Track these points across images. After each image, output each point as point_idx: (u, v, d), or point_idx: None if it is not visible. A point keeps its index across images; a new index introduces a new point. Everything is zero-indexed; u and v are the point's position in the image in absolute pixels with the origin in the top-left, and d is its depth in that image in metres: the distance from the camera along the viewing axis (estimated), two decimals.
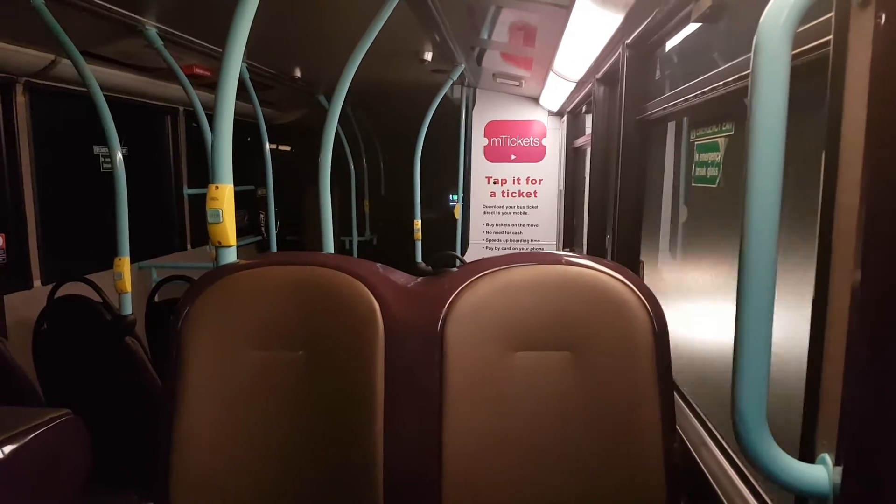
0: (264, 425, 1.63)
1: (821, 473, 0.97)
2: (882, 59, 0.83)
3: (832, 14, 1.01)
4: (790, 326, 1.24)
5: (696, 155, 2.32)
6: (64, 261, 4.93)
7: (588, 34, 3.32)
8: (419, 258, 6.17)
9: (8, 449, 1.66)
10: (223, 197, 2.01)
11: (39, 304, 3.90)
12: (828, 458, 0.97)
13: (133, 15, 3.62)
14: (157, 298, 4.63)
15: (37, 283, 4.60)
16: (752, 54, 0.97)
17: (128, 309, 3.56)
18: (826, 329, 1.00)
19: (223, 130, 2.02)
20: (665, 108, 2.49)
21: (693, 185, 2.40)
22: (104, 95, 3.51)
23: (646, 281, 2.59)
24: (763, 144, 0.96)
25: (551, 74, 4.93)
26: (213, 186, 2.02)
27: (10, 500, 1.62)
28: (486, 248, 7.20)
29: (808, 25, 1.25)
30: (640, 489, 1.52)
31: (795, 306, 1.23)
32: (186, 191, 6.62)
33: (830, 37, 1.01)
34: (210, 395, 1.63)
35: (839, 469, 0.92)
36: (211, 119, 2.07)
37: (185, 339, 1.65)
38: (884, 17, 0.82)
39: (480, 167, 7.11)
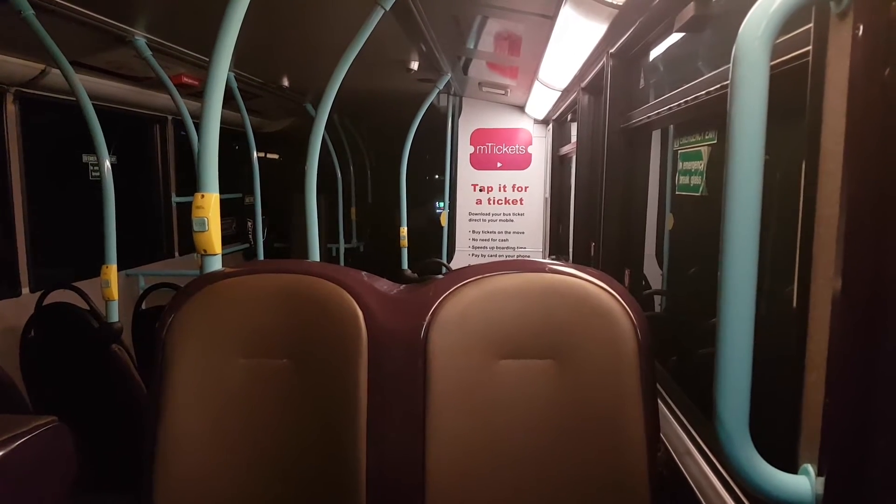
0: (248, 433, 1.62)
1: (803, 484, 0.97)
2: (861, 68, 0.84)
3: (811, 25, 1.03)
4: None
5: (680, 163, 2.34)
6: (52, 268, 4.92)
7: (573, 43, 3.34)
8: (405, 265, 6.16)
9: None
10: (209, 205, 2.01)
11: (27, 311, 3.88)
12: (810, 468, 0.97)
13: (122, 25, 3.61)
14: (144, 306, 4.62)
15: (25, 290, 4.58)
16: (731, 64, 0.98)
17: (114, 316, 3.55)
18: (808, 339, 1.00)
19: (209, 139, 2.02)
20: (649, 117, 2.51)
21: (677, 193, 2.42)
22: (93, 105, 3.50)
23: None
24: (742, 153, 0.97)
25: (537, 83, 4.96)
26: (198, 195, 2.01)
27: None
28: (473, 255, 7.21)
29: (788, 36, 1.27)
30: (624, 498, 1.52)
31: None
32: (175, 199, 6.60)
33: (810, 47, 1.02)
34: (195, 402, 1.63)
35: (821, 479, 0.93)
36: (199, 128, 2.07)
37: (170, 346, 1.65)
38: (862, 27, 0.83)
39: (466, 175, 7.12)
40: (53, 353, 3.73)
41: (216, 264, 2.03)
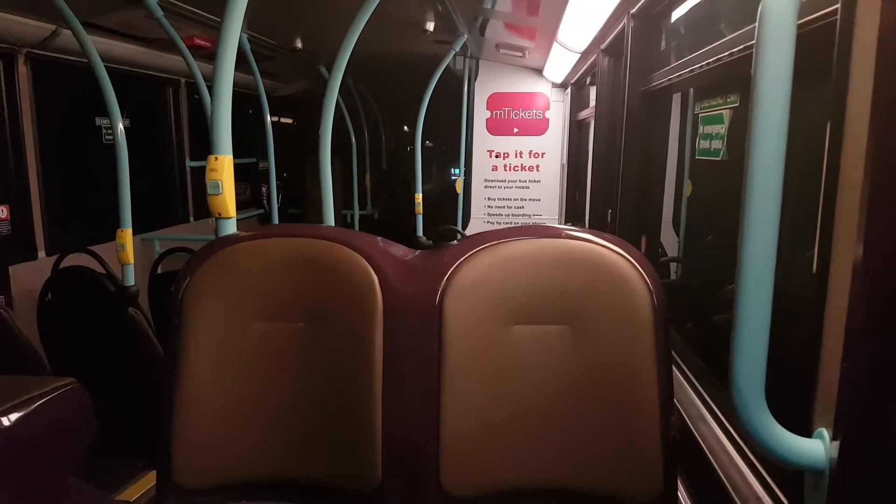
0: (264, 395, 1.64)
1: (817, 447, 0.97)
2: (890, 29, 0.81)
3: None
4: None
5: (701, 127, 2.30)
6: (68, 232, 4.96)
7: (593, 3, 3.27)
8: (420, 232, 6.15)
9: (13, 417, 1.67)
10: (223, 168, 2.01)
11: (44, 274, 3.94)
12: (825, 432, 0.97)
13: None
14: (159, 270, 4.66)
15: (41, 253, 4.63)
16: (756, 23, 0.95)
17: (130, 280, 3.58)
18: (826, 303, 0.99)
19: (222, 101, 2.01)
20: (670, 79, 2.46)
21: (697, 157, 2.38)
22: (105, 67, 3.49)
23: None
24: (767, 115, 0.95)
25: (555, 45, 4.88)
26: (212, 158, 2.01)
27: (15, 467, 1.64)
28: (488, 222, 7.18)
29: None
30: (638, 462, 1.53)
31: None
32: (189, 163, 6.60)
33: (838, 5, 0.99)
34: (210, 364, 1.64)
35: (836, 443, 0.92)
36: (212, 90, 2.06)
37: (186, 309, 1.66)
38: None
39: (482, 140, 7.06)
40: (71, 316, 3.78)
41: (231, 227, 2.03)
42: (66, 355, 3.81)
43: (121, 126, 3.55)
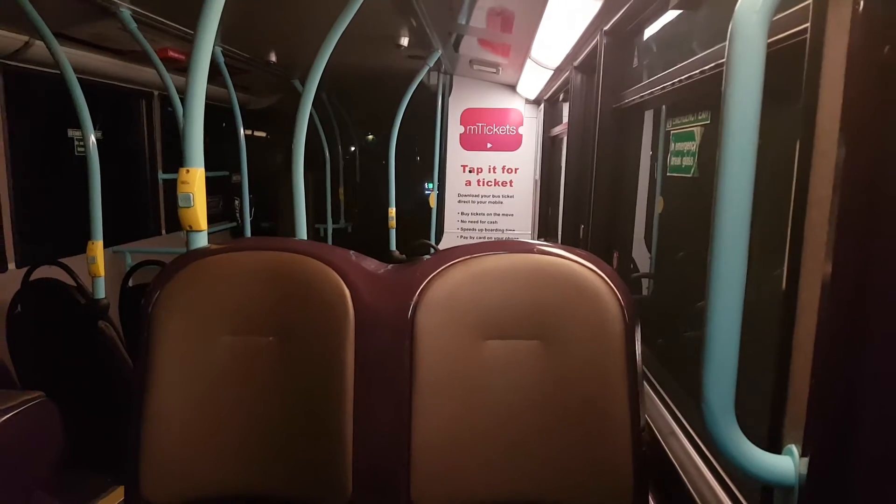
0: (234, 410, 1.62)
1: (787, 464, 0.98)
2: (859, 47, 0.83)
3: (810, 1, 1.01)
4: None
5: (672, 144, 2.33)
6: (38, 244, 4.88)
7: (566, 20, 3.31)
8: (393, 246, 6.14)
9: None
10: (194, 181, 1.98)
11: (14, 286, 3.87)
12: (794, 448, 0.98)
13: None
14: (130, 283, 4.59)
15: (11, 265, 4.55)
16: (727, 42, 0.96)
17: (101, 293, 3.54)
18: (795, 320, 1.00)
19: (195, 113, 1.99)
20: (642, 96, 2.49)
21: (668, 174, 2.40)
22: (78, 78, 3.45)
23: None
24: (737, 133, 0.96)
25: (529, 62, 4.92)
26: (183, 170, 1.98)
27: None
28: (461, 237, 7.19)
29: (786, 13, 1.25)
30: (608, 477, 1.53)
31: None
32: (161, 175, 6.54)
33: (808, 24, 1.00)
34: (180, 378, 1.62)
35: (805, 460, 0.93)
36: (185, 103, 2.04)
37: (156, 322, 1.64)
38: (861, 4, 0.81)
39: (456, 155, 7.08)
40: (40, 329, 3.73)
41: (202, 241, 2.01)
42: (35, 368, 3.75)
43: (93, 138, 3.51)
